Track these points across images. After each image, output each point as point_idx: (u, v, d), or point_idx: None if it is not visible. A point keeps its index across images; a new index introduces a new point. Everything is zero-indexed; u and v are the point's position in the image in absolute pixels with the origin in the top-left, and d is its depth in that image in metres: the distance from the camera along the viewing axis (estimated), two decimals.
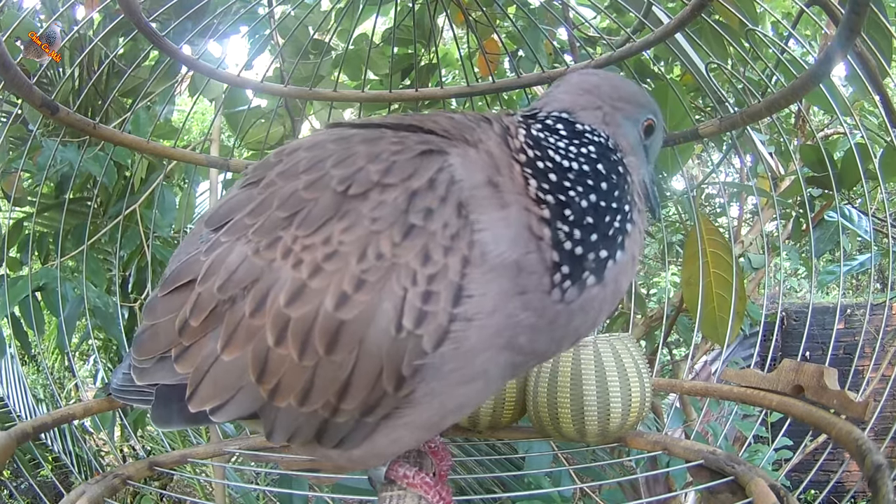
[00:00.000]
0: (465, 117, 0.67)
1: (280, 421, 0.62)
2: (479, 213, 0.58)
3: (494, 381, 0.64)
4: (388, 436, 0.62)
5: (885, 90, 1.14)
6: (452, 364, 0.58)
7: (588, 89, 0.68)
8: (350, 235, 0.57)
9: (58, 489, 1.07)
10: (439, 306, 0.55)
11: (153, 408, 0.69)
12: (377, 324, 0.56)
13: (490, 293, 0.57)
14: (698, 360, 2.97)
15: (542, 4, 1.64)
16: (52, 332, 2.98)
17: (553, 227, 0.59)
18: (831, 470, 2.98)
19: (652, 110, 0.70)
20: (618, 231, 0.62)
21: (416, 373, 0.57)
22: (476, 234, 0.57)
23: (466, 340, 0.57)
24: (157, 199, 1.64)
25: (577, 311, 0.61)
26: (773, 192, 1.41)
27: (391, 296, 0.56)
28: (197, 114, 4.63)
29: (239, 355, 0.61)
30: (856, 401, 0.85)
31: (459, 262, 0.56)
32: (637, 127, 0.69)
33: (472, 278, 0.56)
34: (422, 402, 0.59)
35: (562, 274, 0.59)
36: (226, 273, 0.62)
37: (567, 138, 0.64)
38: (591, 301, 0.61)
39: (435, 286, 0.55)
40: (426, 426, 0.63)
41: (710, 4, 0.98)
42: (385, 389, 0.57)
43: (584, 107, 0.67)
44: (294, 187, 0.62)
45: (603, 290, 0.62)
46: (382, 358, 0.56)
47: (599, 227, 0.61)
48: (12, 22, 1.52)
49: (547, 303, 0.59)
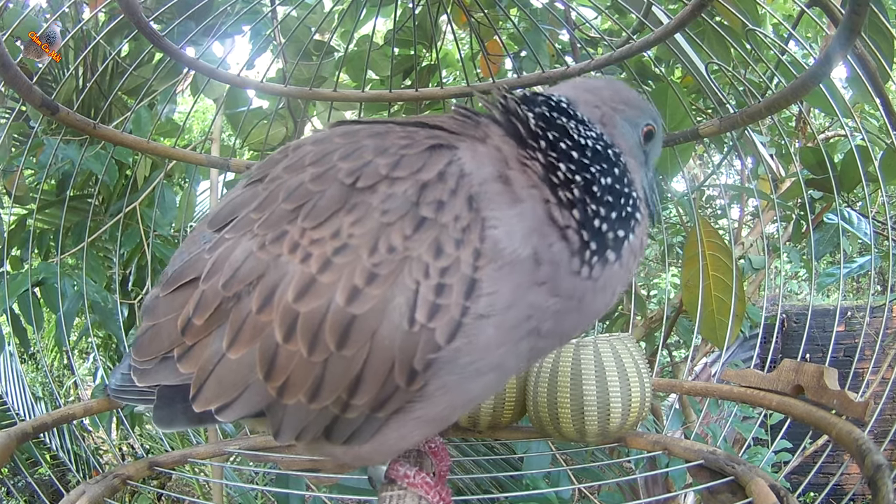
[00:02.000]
0: (466, 116, 0.67)
1: (288, 419, 0.61)
2: (491, 209, 0.57)
3: (510, 371, 0.64)
4: (397, 430, 0.62)
5: (886, 92, 1.14)
6: (467, 357, 0.57)
7: (589, 89, 0.69)
8: (360, 228, 0.57)
9: (56, 487, 1.07)
10: (452, 299, 0.55)
11: (156, 409, 0.67)
12: (390, 318, 0.55)
13: (504, 289, 0.57)
14: (698, 361, 2.97)
15: (543, 6, 1.65)
16: (51, 330, 2.98)
17: (581, 206, 0.60)
18: (830, 472, 2.98)
19: (652, 117, 0.70)
20: (630, 214, 0.63)
21: (428, 367, 0.57)
22: (488, 231, 0.56)
23: (481, 335, 0.57)
24: (157, 198, 1.65)
25: (600, 289, 0.62)
26: (773, 194, 1.41)
27: (404, 289, 0.55)
28: (198, 113, 4.64)
29: (245, 353, 0.60)
30: (856, 401, 0.85)
31: (471, 254, 0.56)
32: (637, 131, 0.69)
33: (484, 274, 0.56)
34: (434, 396, 0.59)
35: (591, 251, 0.60)
36: (230, 269, 0.61)
37: (574, 119, 0.64)
38: (612, 278, 0.63)
39: (448, 279, 0.55)
40: (436, 420, 0.63)
41: (710, 5, 0.98)
42: (397, 384, 0.57)
43: (584, 102, 0.67)
44: (300, 179, 0.62)
45: (621, 268, 0.63)
46: (395, 352, 0.56)
47: (617, 206, 0.62)
48: (14, 21, 1.52)
49: (577, 283, 0.60)
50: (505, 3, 1.70)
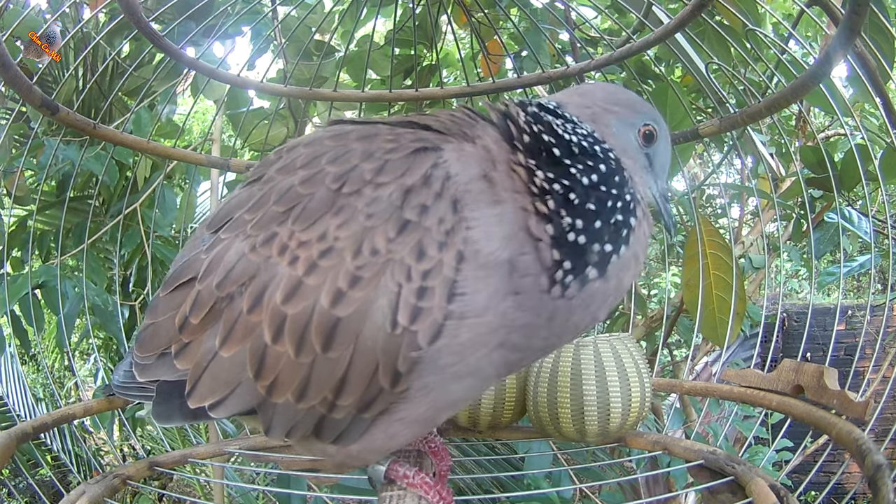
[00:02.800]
0: (465, 115, 0.67)
1: (278, 417, 0.63)
2: (472, 209, 0.57)
3: (488, 378, 0.64)
4: (384, 431, 0.63)
5: (886, 91, 1.14)
6: (446, 359, 0.58)
7: (581, 93, 0.70)
8: (345, 231, 0.58)
9: (56, 488, 1.07)
10: (434, 302, 0.56)
11: (154, 404, 0.69)
12: (373, 320, 0.56)
13: (482, 291, 0.57)
14: (699, 361, 2.97)
15: (544, 6, 1.65)
16: (51, 332, 2.98)
17: (556, 219, 0.58)
18: (831, 471, 2.98)
19: (651, 118, 0.68)
20: (621, 224, 0.61)
21: (411, 368, 0.57)
22: (468, 231, 0.57)
23: (459, 337, 0.57)
24: (157, 199, 1.65)
25: (578, 306, 0.61)
26: (773, 194, 1.41)
27: (386, 292, 0.56)
28: (198, 114, 4.64)
29: (237, 352, 0.62)
30: (856, 401, 0.85)
31: (454, 257, 0.56)
32: (632, 131, 0.67)
33: (464, 275, 0.56)
34: (416, 398, 0.59)
35: (563, 270, 0.58)
36: (224, 271, 0.63)
37: (562, 118, 0.64)
38: (593, 296, 0.61)
39: (430, 282, 0.56)
40: (421, 421, 0.64)
41: (710, 4, 0.98)
42: (381, 385, 0.58)
43: (575, 104, 0.67)
44: (291, 182, 0.63)
45: (605, 284, 0.61)
46: (378, 354, 0.57)
47: (602, 213, 0.60)
48: (14, 21, 1.52)
49: (545, 300, 0.59)
50: (505, 3, 1.70)
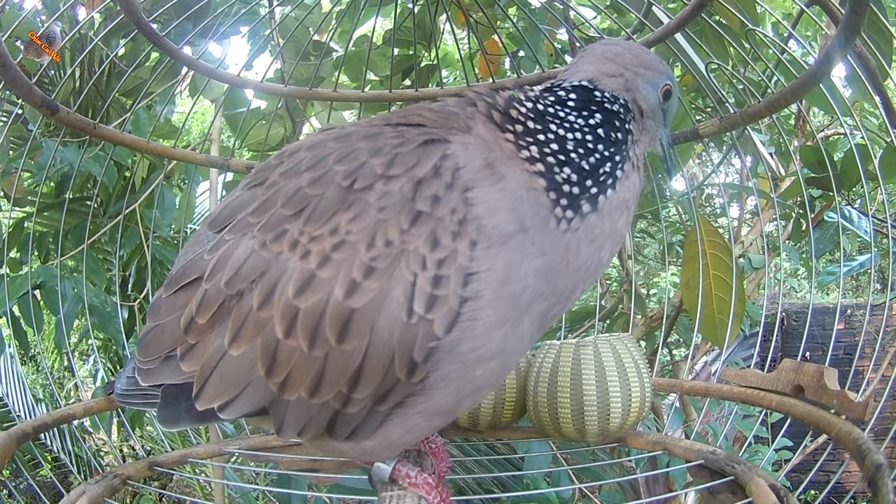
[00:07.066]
0: (445, 105, 0.68)
1: (290, 415, 0.62)
2: (479, 193, 0.59)
3: (512, 354, 0.64)
4: (401, 425, 0.62)
5: (886, 91, 1.14)
6: (468, 345, 0.58)
7: (611, 58, 0.71)
8: (357, 224, 0.58)
9: (57, 489, 1.07)
10: (450, 289, 0.56)
11: (160, 409, 0.68)
12: (388, 310, 0.56)
13: (497, 266, 0.57)
14: (698, 360, 2.97)
15: (542, 5, 1.64)
16: (51, 332, 2.98)
17: (549, 174, 0.62)
18: (831, 470, 2.98)
19: (669, 77, 0.73)
20: (608, 174, 0.65)
21: (428, 358, 0.57)
22: (479, 218, 0.57)
23: (480, 320, 0.57)
24: (157, 199, 1.64)
25: (584, 239, 0.63)
26: (773, 193, 1.41)
27: (401, 281, 0.56)
28: (197, 114, 4.64)
29: (247, 349, 0.61)
30: (856, 401, 0.85)
31: (468, 245, 0.57)
32: (657, 91, 0.72)
33: (478, 258, 0.57)
34: (436, 388, 0.59)
35: (562, 206, 0.62)
36: (233, 268, 0.62)
37: (576, 109, 0.66)
38: (593, 229, 0.64)
39: (445, 270, 0.56)
40: (442, 412, 0.63)
41: (710, 4, 0.98)
42: (398, 376, 0.57)
43: (608, 74, 0.70)
44: (298, 185, 0.62)
45: (601, 220, 0.64)
46: (394, 344, 0.56)
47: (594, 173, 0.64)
48: (13, 22, 1.52)
49: (557, 236, 0.62)
50: (504, 3, 1.70)
